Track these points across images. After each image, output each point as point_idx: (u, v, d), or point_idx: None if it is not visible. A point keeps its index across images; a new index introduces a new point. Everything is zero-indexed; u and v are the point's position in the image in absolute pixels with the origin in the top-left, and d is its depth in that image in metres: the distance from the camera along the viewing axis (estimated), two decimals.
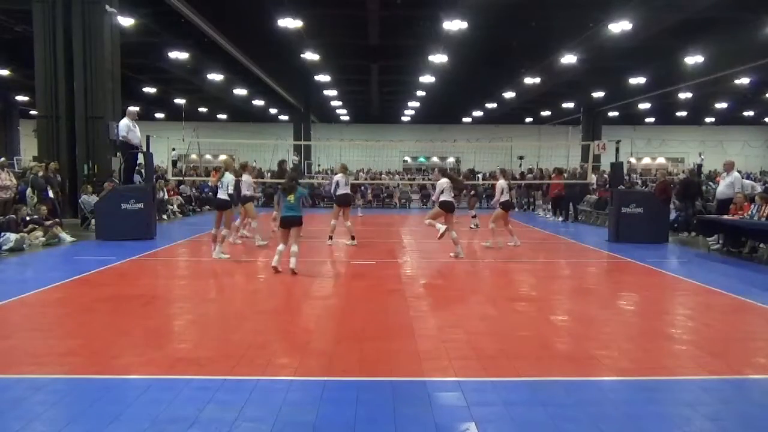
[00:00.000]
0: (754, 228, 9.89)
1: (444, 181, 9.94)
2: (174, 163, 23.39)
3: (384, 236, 12.86)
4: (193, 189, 20.74)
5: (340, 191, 11.25)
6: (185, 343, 5.00)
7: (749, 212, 10.18)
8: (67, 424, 3.36)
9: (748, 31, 17.81)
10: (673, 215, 14.28)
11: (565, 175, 19.53)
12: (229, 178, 9.57)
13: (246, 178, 11.18)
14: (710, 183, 21.79)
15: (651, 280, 8.25)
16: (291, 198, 8.04)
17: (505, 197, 11.04)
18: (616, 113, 36.15)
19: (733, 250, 10.64)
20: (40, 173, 13.14)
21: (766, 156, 41.12)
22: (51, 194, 12.86)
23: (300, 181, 8.94)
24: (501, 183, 11.13)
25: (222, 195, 9.57)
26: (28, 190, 12.80)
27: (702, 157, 32.62)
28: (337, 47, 21.59)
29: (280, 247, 8.26)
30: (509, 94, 29.53)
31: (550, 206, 19.53)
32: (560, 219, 17.53)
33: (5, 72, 25.64)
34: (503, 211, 11.11)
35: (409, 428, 3.36)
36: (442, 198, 9.90)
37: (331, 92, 30.25)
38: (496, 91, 29.95)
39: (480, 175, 28.33)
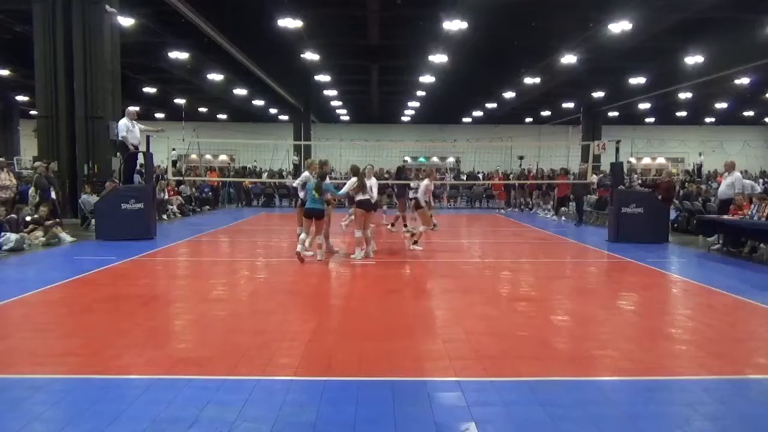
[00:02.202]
0: (754, 228, 9.89)
1: (355, 180, 9.59)
2: (174, 163, 23.40)
3: (384, 236, 12.85)
4: (193, 189, 20.75)
5: (362, 197, 9.69)
6: (185, 343, 5.00)
7: (749, 212, 10.18)
8: (67, 424, 3.36)
9: (748, 31, 17.82)
10: (673, 215, 14.29)
11: (571, 176, 19.53)
12: (312, 181, 9.22)
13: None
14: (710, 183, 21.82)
15: (651, 280, 8.25)
16: (316, 193, 8.88)
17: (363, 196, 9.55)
18: (616, 113, 36.15)
19: (733, 250, 10.64)
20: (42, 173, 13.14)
21: (766, 156, 41.10)
22: (53, 194, 12.85)
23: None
24: (352, 180, 9.74)
25: (310, 203, 9.11)
26: (31, 190, 12.80)
27: (702, 156, 32.59)
28: (337, 47, 21.58)
29: (303, 235, 9.08)
30: (509, 94, 29.53)
31: (550, 206, 19.53)
32: (563, 219, 17.54)
33: (5, 72, 25.62)
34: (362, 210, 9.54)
35: (409, 428, 3.37)
36: (360, 197, 9.46)
37: (331, 92, 30.24)
38: (496, 91, 29.94)
39: (480, 175, 28.38)
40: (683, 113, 37.93)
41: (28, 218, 10.97)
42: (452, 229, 14.25)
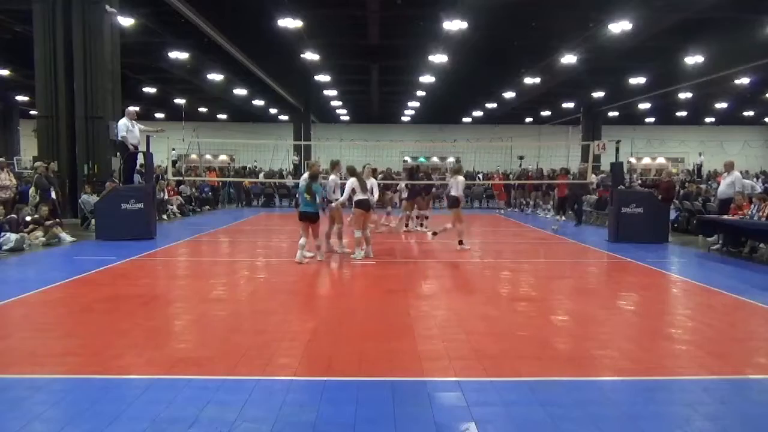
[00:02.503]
0: (754, 228, 9.89)
1: (353, 181, 9.51)
2: (173, 163, 23.42)
3: (384, 236, 12.84)
4: (193, 189, 20.75)
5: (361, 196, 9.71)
6: (185, 343, 5.00)
7: (749, 212, 10.18)
8: (67, 424, 3.36)
9: (748, 31, 17.82)
10: (673, 215, 14.29)
11: (570, 176, 19.54)
12: (333, 181, 9.63)
13: (333, 178, 10.03)
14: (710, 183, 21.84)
15: (651, 280, 8.25)
16: (308, 195, 8.78)
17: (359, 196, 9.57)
18: (616, 113, 36.17)
19: (733, 250, 10.64)
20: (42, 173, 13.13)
21: (766, 156, 41.10)
22: (53, 194, 12.84)
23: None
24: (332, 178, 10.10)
25: (302, 207, 9.06)
26: (31, 190, 12.80)
27: (702, 156, 32.60)
28: (337, 47, 21.59)
29: (302, 241, 8.93)
30: (509, 94, 29.54)
31: (549, 206, 19.52)
32: (563, 219, 17.52)
33: (5, 72, 25.63)
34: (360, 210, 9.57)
35: (409, 428, 3.37)
36: (357, 197, 9.47)
37: (331, 92, 30.26)
38: (496, 91, 29.95)
39: (480, 175, 28.37)
40: (683, 113, 37.96)
41: (28, 218, 10.97)
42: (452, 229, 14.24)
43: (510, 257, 10.83)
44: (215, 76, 25.70)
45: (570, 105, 34.06)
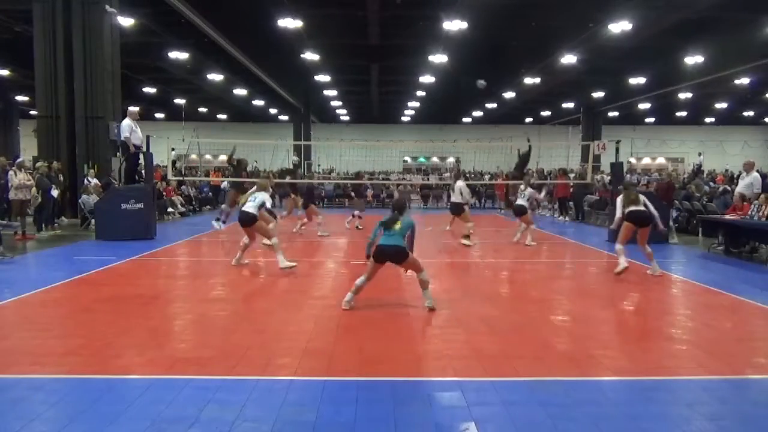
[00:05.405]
0: (754, 228, 9.89)
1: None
2: (173, 164, 23.39)
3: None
4: (193, 189, 20.74)
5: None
6: (185, 343, 5.00)
7: (749, 212, 10.18)
8: (67, 424, 3.36)
9: (748, 31, 17.83)
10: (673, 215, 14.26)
11: (571, 176, 19.52)
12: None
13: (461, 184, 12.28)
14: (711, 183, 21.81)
15: (651, 280, 8.24)
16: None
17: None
18: (616, 113, 36.16)
19: (733, 250, 10.63)
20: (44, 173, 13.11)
21: (766, 156, 41.09)
22: (54, 194, 12.81)
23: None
24: None
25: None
26: (33, 190, 12.79)
27: (701, 156, 32.58)
28: (337, 47, 21.60)
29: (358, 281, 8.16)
30: (509, 94, 29.54)
31: (557, 206, 19.54)
32: (567, 219, 17.52)
33: (5, 72, 25.63)
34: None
35: (409, 428, 3.36)
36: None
37: (331, 92, 30.27)
38: (496, 91, 29.94)
39: (487, 176, 28.34)
40: (683, 113, 37.97)
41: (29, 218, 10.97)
42: (452, 229, 14.23)
43: (510, 257, 10.82)
44: (215, 76, 25.70)
45: (570, 105, 34.06)
